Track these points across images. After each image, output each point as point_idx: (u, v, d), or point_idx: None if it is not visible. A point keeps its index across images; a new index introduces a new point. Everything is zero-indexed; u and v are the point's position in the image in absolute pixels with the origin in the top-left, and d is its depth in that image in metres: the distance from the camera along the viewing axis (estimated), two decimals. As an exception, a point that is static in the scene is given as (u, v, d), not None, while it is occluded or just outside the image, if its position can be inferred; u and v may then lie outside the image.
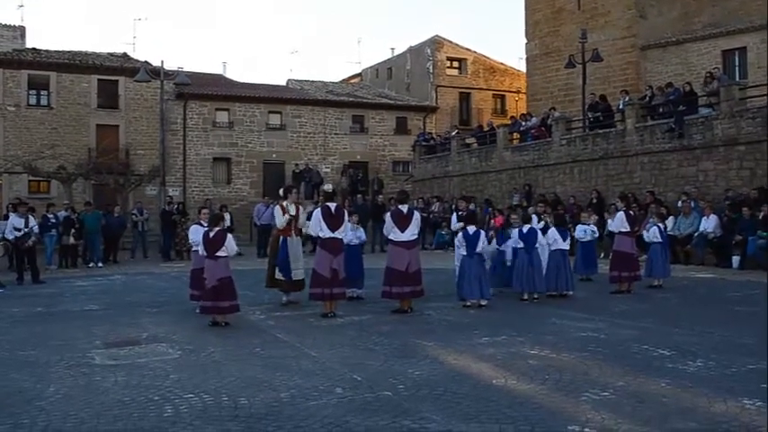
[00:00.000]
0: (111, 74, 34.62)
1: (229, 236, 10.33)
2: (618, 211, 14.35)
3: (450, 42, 43.90)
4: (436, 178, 32.92)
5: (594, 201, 22.00)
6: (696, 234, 18.54)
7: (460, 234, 11.85)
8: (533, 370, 7.04)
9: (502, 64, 45.10)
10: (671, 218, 18.91)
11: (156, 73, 27.60)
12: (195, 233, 11.02)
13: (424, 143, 35.23)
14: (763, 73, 25.17)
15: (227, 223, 10.65)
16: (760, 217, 17.42)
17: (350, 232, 11.99)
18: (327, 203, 11.11)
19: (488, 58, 44.94)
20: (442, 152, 33.49)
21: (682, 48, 30.29)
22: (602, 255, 18.18)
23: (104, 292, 14.80)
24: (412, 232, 11.10)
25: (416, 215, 11.39)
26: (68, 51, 35.79)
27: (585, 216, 15.63)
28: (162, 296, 13.70)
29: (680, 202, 19.55)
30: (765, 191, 18.15)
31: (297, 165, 36.13)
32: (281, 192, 13.04)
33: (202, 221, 11.15)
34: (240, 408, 5.85)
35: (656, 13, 31.57)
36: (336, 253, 10.76)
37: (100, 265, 20.88)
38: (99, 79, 34.40)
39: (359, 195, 28.66)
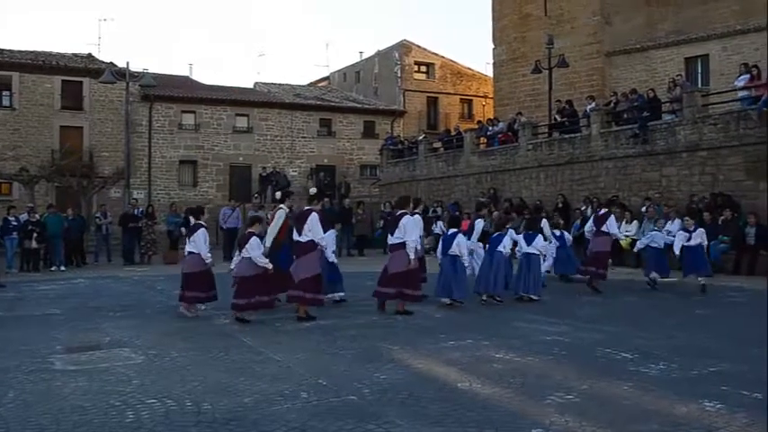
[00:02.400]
0: (76, 75, 34.25)
1: (253, 238, 10.65)
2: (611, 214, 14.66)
3: (419, 47, 44.08)
4: (403, 182, 32.96)
5: (560, 205, 22.20)
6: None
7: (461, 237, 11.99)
8: (498, 373, 7.06)
9: (469, 69, 45.37)
10: (635, 222, 19.15)
11: (121, 74, 27.35)
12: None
13: (391, 147, 35.27)
14: (725, 80, 25.58)
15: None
16: (720, 222, 17.69)
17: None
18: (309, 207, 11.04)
19: (456, 62, 45.21)
20: (410, 156, 33.54)
21: (646, 54, 30.73)
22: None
23: (66, 296, 14.55)
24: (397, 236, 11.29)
25: (404, 219, 11.34)
26: (32, 51, 35.32)
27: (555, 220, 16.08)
28: (125, 300, 13.52)
29: (644, 207, 19.78)
30: (725, 196, 18.45)
31: (264, 168, 35.99)
32: (278, 195, 13.14)
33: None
34: (203, 413, 5.78)
35: (621, 20, 31.97)
36: (299, 255, 10.75)
37: (62, 268, 20.57)
38: (63, 80, 34.03)
39: (326, 199, 28.52)
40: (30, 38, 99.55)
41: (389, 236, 11.57)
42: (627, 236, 18.61)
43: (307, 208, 11.05)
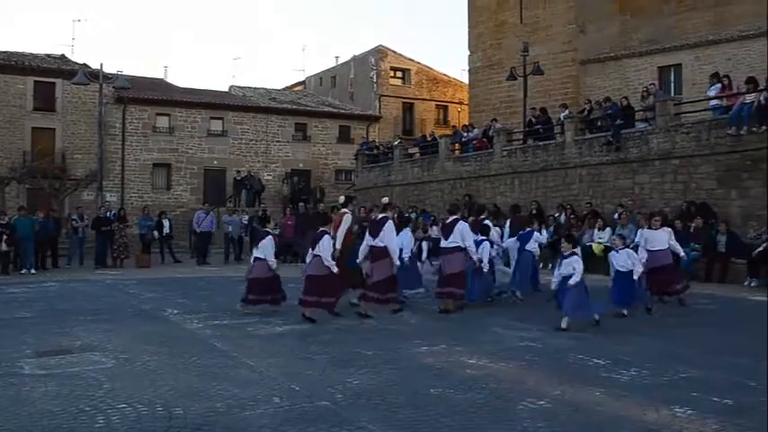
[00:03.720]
0: (48, 76, 33.88)
1: (326, 237, 11.17)
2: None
3: (395, 52, 44.17)
4: (378, 187, 32.95)
5: (534, 212, 22.28)
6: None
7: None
8: (471, 379, 7.08)
9: (445, 75, 45.55)
10: (608, 229, 19.27)
11: (94, 76, 27.11)
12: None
13: (366, 152, 35.26)
14: (697, 89, 25.88)
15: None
16: (691, 230, 17.87)
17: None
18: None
19: (432, 68, 45.36)
20: (385, 161, 33.56)
21: (620, 63, 31.01)
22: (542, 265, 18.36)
23: (36, 299, 14.34)
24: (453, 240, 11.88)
25: (460, 225, 11.97)
26: (3, 52, 34.88)
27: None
28: (96, 304, 13.36)
29: (617, 214, 19.93)
30: (698, 205, 18.64)
31: (238, 172, 35.87)
32: (341, 200, 13.47)
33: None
34: (175, 418, 5.73)
35: (595, 29, 32.25)
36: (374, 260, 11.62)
37: (33, 271, 20.28)
38: (35, 81, 33.66)
39: (301, 204, 28.51)
40: (1, 38, 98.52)
41: (443, 240, 12.16)
42: (599, 242, 18.74)
43: (382, 215, 11.95)
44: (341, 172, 40.10)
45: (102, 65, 27.14)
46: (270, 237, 12.01)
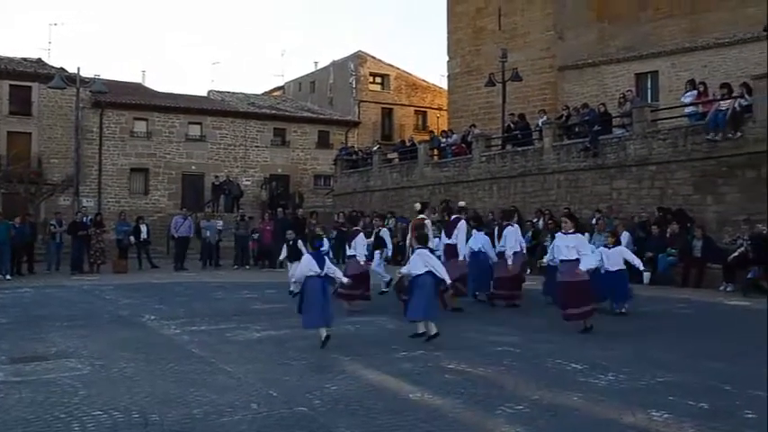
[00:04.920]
0: (24, 79, 33.63)
1: (360, 235, 12.81)
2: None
3: (374, 58, 44.24)
4: (357, 193, 32.97)
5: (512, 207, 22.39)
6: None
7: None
8: (450, 384, 7.07)
9: (424, 81, 45.68)
10: (585, 234, 19.33)
11: (71, 80, 26.91)
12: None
13: (345, 157, 35.26)
14: (674, 96, 26.12)
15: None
16: (668, 235, 18.03)
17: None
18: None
19: (411, 74, 45.48)
20: (364, 167, 33.58)
21: (597, 70, 31.26)
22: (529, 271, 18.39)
23: (11, 305, 14.15)
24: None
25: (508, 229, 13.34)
26: (-21, 55, 34.58)
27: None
28: (72, 310, 13.23)
29: (594, 220, 20.05)
30: (674, 212, 18.81)
31: (217, 177, 35.74)
32: (417, 206, 13.85)
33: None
34: (151, 425, 5.68)
35: (573, 36, 32.48)
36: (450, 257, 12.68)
37: (8, 277, 20.05)
38: (11, 85, 33.39)
39: (279, 209, 28.42)
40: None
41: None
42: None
43: (455, 216, 13.24)
44: (320, 177, 40.07)
45: (79, 69, 26.94)
46: (361, 234, 13.03)
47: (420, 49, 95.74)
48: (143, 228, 24.12)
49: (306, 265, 8.96)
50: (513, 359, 8.35)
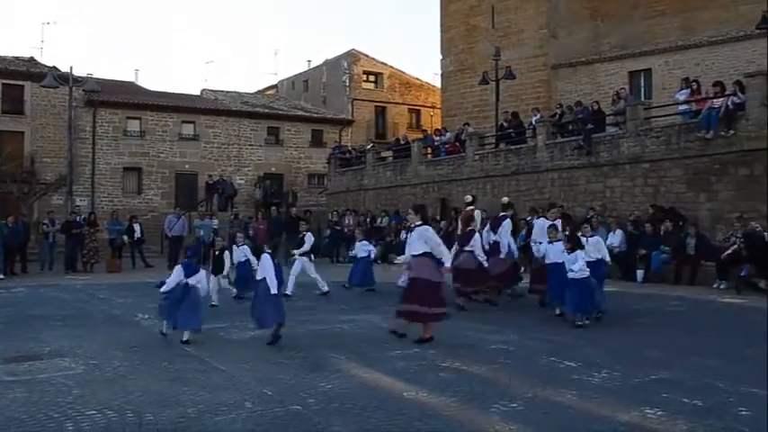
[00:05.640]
0: (17, 78, 33.46)
1: (475, 235, 12.69)
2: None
3: (367, 56, 44.20)
4: (351, 191, 32.93)
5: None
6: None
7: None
8: (444, 382, 7.08)
9: (418, 79, 45.65)
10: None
11: (64, 79, 26.80)
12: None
13: (339, 156, 35.20)
14: (667, 94, 26.18)
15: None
16: (661, 232, 18.07)
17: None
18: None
19: (404, 72, 45.45)
20: (358, 165, 33.50)
21: (591, 68, 31.28)
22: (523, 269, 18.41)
23: (5, 304, 14.11)
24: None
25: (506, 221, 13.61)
26: (-29, 54, 34.45)
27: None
28: (66, 309, 13.20)
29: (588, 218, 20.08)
30: (667, 210, 18.84)
31: (210, 176, 35.64)
32: (468, 199, 14.30)
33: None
34: (146, 424, 5.68)
35: (566, 34, 32.50)
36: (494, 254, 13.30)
37: (1, 276, 19.95)
38: (3, 84, 33.22)
39: (273, 208, 28.40)
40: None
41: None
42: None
43: (502, 214, 13.68)
44: (314, 176, 40.04)
45: (71, 68, 26.86)
46: (476, 233, 12.96)
47: (413, 47, 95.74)
48: (136, 227, 24.05)
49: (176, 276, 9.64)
50: (507, 357, 8.36)
